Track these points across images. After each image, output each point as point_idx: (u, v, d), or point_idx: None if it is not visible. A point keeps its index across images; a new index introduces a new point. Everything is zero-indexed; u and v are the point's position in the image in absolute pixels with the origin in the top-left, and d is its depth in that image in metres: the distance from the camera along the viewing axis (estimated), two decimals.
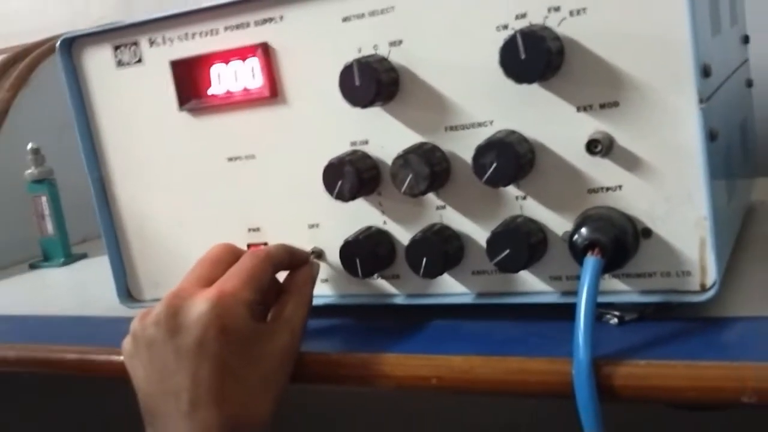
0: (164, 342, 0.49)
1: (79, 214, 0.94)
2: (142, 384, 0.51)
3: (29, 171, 0.93)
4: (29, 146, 0.93)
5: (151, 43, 0.58)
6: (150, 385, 0.50)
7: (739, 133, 0.60)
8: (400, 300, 0.55)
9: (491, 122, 0.49)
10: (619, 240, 0.45)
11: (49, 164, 0.94)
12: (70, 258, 0.96)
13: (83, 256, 0.97)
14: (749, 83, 0.67)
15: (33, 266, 0.96)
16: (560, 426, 0.54)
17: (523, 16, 0.47)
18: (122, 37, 0.59)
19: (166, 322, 0.49)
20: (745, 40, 0.67)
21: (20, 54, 1.06)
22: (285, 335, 0.51)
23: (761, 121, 0.71)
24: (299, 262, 0.55)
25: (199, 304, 0.49)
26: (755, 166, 0.69)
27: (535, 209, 0.49)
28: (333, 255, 0.56)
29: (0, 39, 1.36)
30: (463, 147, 0.50)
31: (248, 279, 0.51)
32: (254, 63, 0.55)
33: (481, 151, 0.47)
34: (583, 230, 0.45)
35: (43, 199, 0.94)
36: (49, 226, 0.95)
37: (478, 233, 0.51)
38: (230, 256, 0.54)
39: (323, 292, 0.57)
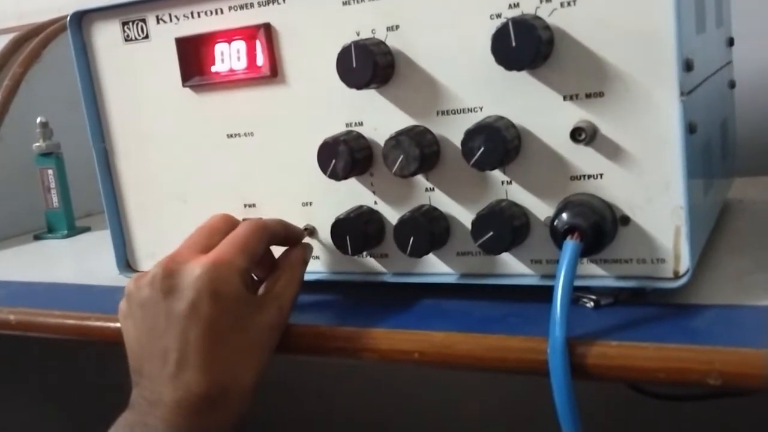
0: (156, 302, 0.49)
1: (85, 188, 0.94)
2: (133, 343, 0.51)
3: (37, 144, 0.93)
4: (38, 120, 0.93)
5: (158, 20, 0.58)
6: (140, 345, 0.50)
7: (719, 132, 0.60)
8: (387, 278, 0.55)
9: (481, 108, 0.49)
10: (598, 226, 0.45)
11: (57, 139, 0.94)
12: (74, 231, 0.96)
13: (86, 229, 0.97)
14: (732, 84, 0.67)
15: (37, 237, 0.96)
16: (534, 403, 0.55)
17: (516, 5, 0.47)
18: (130, 13, 0.59)
19: (160, 283, 0.49)
20: (730, 42, 0.67)
21: (32, 31, 1.05)
22: (273, 310, 0.51)
23: (742, 122, 0.71)
24: (294, 238, 0.55)
25: (194, 269, 0.49)
26: (734, 166, 0.69)
27: (519, 194, 0.49)
28: (325, 232, 0.56)
29: (13, 18, 1.36)
30: (453, 131, 0.50)
31: (243, 247, 0.51)
32: (256, 43, 0.55)
33: (470, 134, 0.47)
34: (564, 215, 0.46)
35: (50, 172, 0.94)
36: (55, 199, 0.95)
37: (464, 215, 0.51)
38: (227, 225, 0.54)
39: (314, 268, 0.57)
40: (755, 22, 0.81)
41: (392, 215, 0.53)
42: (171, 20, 0.58)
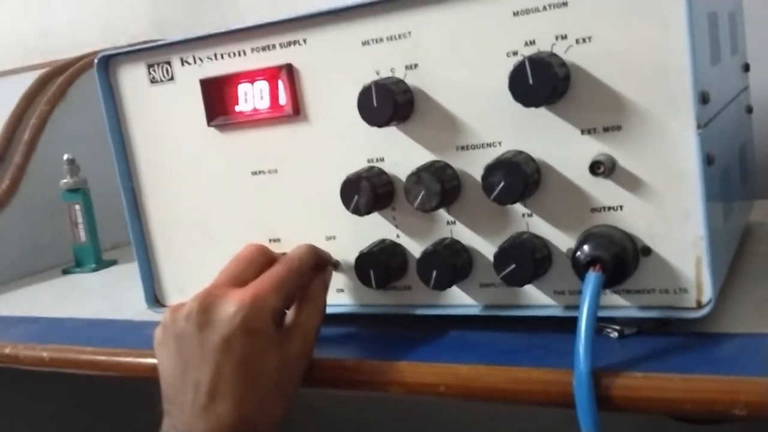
0: (192, 335, 0.50)
1: (111, 221, 0.95)
2: (166, 373, 0.52)
3: (65, 180, 0.95)
4: (65, 157, 0.95)
5: (183, 62, 0.60)
6: (173, 375, 0.51)
7: (737, 157, 0.60)
8: (411, 310, 0.56)
9: (500, 143, 0.50)
10: (619, 257, 0.46)
11: (83, 174, 0.96)
12: (101, 264, 0.97)
13: (113, 262, 0.98)
14: (749, 109, 0.67)
15: (66, 271, 0.98)
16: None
17: (532, 43, 0.47)
18: (156, 56, 0.61)
19: (196, 316, 0.50)
20: (746, 68, 0.67)
21: (58, 69, 1.08)
22: (299, 341, 0.52)
23: (760, 145, 0.71)
24: (323, 264, 0.56)
25: (230, 304, 0.50)
26: (754, 189, 0.69)
27: (540, 226, 0.50)
28: (348, 266, 0.56)
29: (39, 54, 1.39)
30: (473, 166, 0.51)
31: (278, 287, 0.51)
32: (279, 83, 0.56)
33: (490, 170, 0.48)
34: (586, 247, 0.46)
35: (77, 207, 0.96)
36: (82, 234, 0.96)
37: (486, 248, 0.52)
38: (263, 257, 0.54)
39: (339, 301, 0.58)
40: None
41: (415, 248, 0.54)
42: (195, 62, 0.59)
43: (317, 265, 0.55)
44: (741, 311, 0.49)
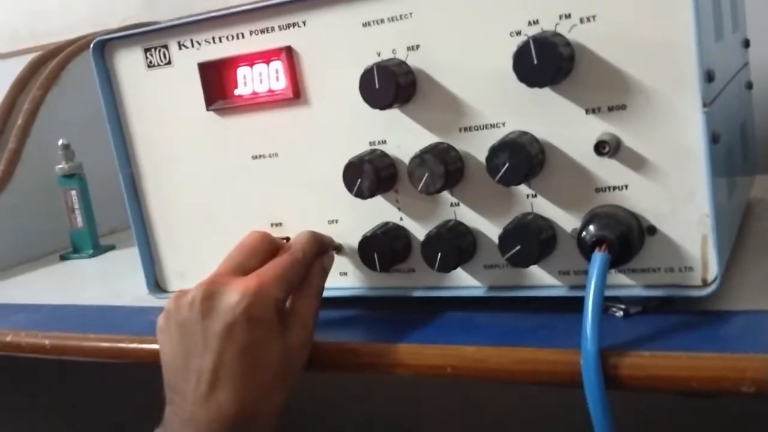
0: (195, 322, 0.50)
1: (107, 206, 0.96)
2: (168, 359, 0.52)
3: (60, 166, 0.94)
4: (60, 142, 0.94)
5: (180, 45, 0.59)
6: (175, 362, 0.51)
7: (739, 134, 0.60)
8: (415, 292, 0.56)
9: (504, 124, 0.50)
10: (625, 237, 0.46)
11: (78, 159, 0.95)
12: (99, 250, 0.97)
13: (111, 248, 0.98)
14: (749, 85, 0.67)
15: (63, 257, 0.98)
16: (569, 413, 0.55)
17: (536, 22, 0.47)
18: (152, 39, 0.60)
19: (200, 304, 0.50)
20: (746, 44, 0.67)
21: (50, 53, 1.07)
22: (299, 329, 0.52)
23: (760, 120, 0.71)
24: (324, 250, 0.56)
25: (234, 293, 0.50)
26: (754, 164, 0.69)
27: (545, 207, 0.50)
28: (352, 249, 0.56)
29: (30, 38, 1.37)
30: (477, 147, 0.51)
31: (282, 278, 0.51)
32: (278, 65, 0.56)
33: (495, 151, 0.48)
34: (591, 227, 0.46)
35: (73, 193, 0.95)
36: (79, 219, 0.96)
37: (491, 229, 0.52)
38: (266, 245, 0.54)
39: (342, 284, 0.58)
40: None
41: (418, 231, 0.54)
42: (193, 46, 0.59)
43: (319, 252, 0.55)
44: (745, 289, 0.49)
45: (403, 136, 0.53)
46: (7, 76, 1.05)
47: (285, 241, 0.58)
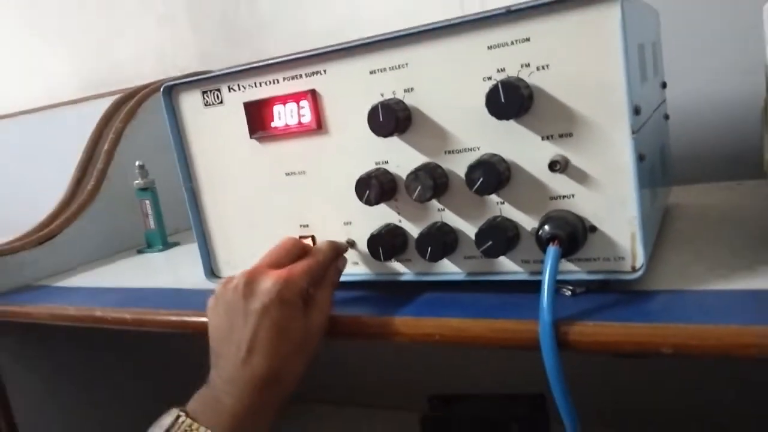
0: (237, 302, 0.50)
1: (173, 211, 0.96)
2: (215, 332, 0.51)
3: (137, 182, 0.94)
4: (137, 163, 0.94)
5: (229, 89, 0.59)
6: (220, 334, 0.51)
7: (659, 154, 0.60)
8: (411, 277, 0.56)
9: (478, 148, 0.50)
10: (572, 234, 0.46)
11: (151, 176, 0.95)
12: (167, 246, 0.97)
13: (176, 244, 0.98)
14: (666, 117, 0.67)
15: (140, 251, 0.98)
16: (531, 370, 0.55)
17: (503, 70, 0.47)
18: (208, 84, 0.60)
19: (243, 288, 0.50)
20: (664, 85, 0.67)
21: (129, 95, 1.07)
22: (317, 312, 0.52)
23: (675, 144, 0.71)
24: (339, 254, 0.56)
25: (269, 281, 0.50)
26: (671, 178, 0.69)
27: (510, 211, 0.50)
28: (362, 244, 0.56)
29: (112, 84, 1.38)
30: (458, 166, 0.50)
31: (307, 273, 0.51)
32: (305, 104, 0.56)
33: (472, 169, 0.48)
34: (546, 227, 0.46)
35: (147, 202, 0.95)
36: (151, 222, 0.96)
37: (469, 229, 0.52)
38: (296, 248, 0.54)
39: (355, 271, 0.58)
40: (681, 67, 0.81)
41: (413, 230, 0.54)
42: (239, 89, 0.59)
43: (335, 256, 0.55)
44: (665, 274, 0.49)
45: (401, 157, 0.53)
46: (95, 113, 1.05)
47: (311, 241, 0.58)
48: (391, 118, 0.50)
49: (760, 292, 0.43)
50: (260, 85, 0.57)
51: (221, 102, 0.60)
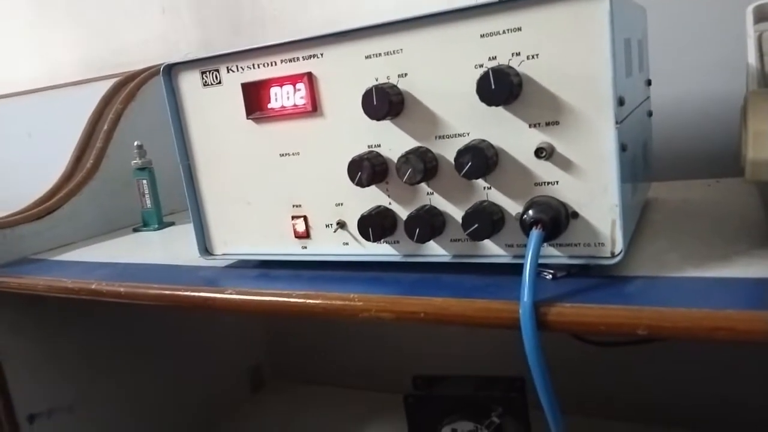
0: None
1: (170, 192, 0.95)
2: None
3: (135, 161, 0.94)
4: (135, 143, 0.93)
5: (228, 70, 0.59)
6: None
7: (642, 148, 0.60)
8: (399, 258, 0.56)
9: (468, 133, 0.50)
10: (555, 219, 0.46)
11: (149, 156, 0.95)
12: (162, 225, 0.96)
13: (171, 224, 0.97)
14: (650, 114, 0.67)
15: (135, 230, 0.97)
16: (510, 351, 0.55)
17: (494, 58, 0.47)
18: (207, 65, 0.60)
19: None
20: (648, 83, 0.67)
21: (130, 77, 1.06)
22: None
23: (657, 141, 0.72)
24: None
25: None
26: (652, 173, 0.69)
27: (496, 196, 0.50)
28: (352, 225, 0.56)
29: (115, 66, 1.36)
30: (448, 150, 0.50)
31: None
32: (301, 86, 0.55)
33: (461, 153, 0.48)
34: (530, 211, 0.46)
35: (144, 182, 0.94)
36: (148, 201, 0.95)
37: (456, 212, 0.52)
38: None
39: (345, 251, 0.58)
40: (664, 67, 0.81)
41: (402, 212, 0.54)
42: (238, 70, 0.58)
43: None
44: (642, 260, 0.50)
45: (393, 140, 0.53)
46: (96, 94, 1.04)
47: (303, 221, 0.57)
48: (385, 102, 0.50)
49: (731, 279, 0.44)
50: (258, 67, 0.57)
51: (220, 82, 0.60)
